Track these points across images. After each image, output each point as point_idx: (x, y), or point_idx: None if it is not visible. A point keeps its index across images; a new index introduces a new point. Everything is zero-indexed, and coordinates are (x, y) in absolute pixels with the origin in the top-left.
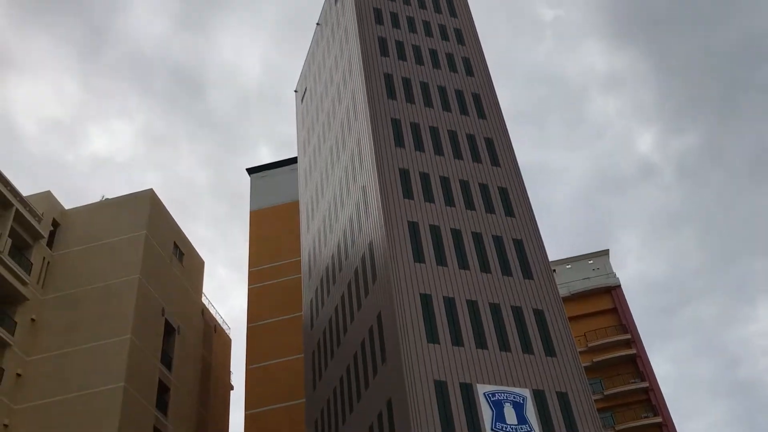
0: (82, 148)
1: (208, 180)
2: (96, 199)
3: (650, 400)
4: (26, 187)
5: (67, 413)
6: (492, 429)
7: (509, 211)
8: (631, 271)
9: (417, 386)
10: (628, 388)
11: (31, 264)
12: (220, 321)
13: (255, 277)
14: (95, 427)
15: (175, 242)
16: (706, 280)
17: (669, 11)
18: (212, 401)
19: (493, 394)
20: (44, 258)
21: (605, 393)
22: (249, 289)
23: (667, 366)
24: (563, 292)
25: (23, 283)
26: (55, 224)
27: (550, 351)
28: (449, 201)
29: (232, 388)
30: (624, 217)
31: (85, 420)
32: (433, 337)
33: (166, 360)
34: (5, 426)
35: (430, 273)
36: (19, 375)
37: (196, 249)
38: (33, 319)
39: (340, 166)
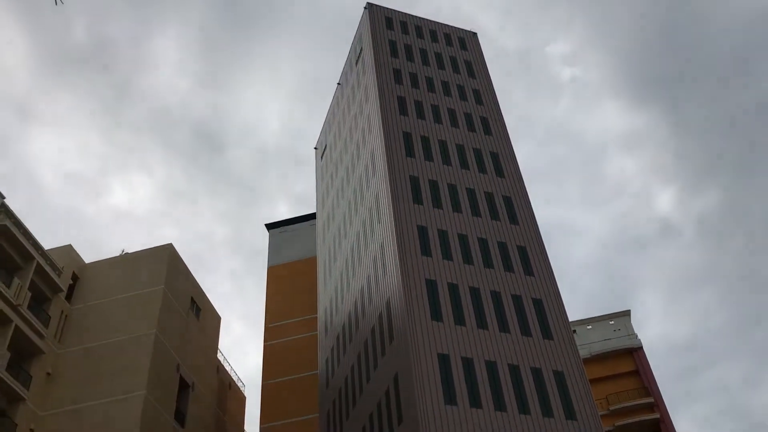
0: (103, 202)
1: (227, 235)
2: (115, 251)
3: None
4: (47, 239)
5: None
6: None
7: (528, 270)
8: (652, 332)
9: None
10: None
11: (50, 317)
12: (235, 378)
13: (271, 333)
14: None
15: (192, 297)
16: (731, 341)
17: (686, 71)
18: None
19: None
20: (62, 311)
21: None
22: (265, 346)
23: (692, 430)
24: (583, 353)
25: (40, 336)
26: (75, 278)
27: (570, 414)
28: (468, 259)
29: None
30: (645, 277)
31: None
32: (450, 398)
33: (180, 417)
34: None
35: (448, 332)
36: (32, 430)
37: (213, 304)
38: (48, 373)
39: (358, 223)
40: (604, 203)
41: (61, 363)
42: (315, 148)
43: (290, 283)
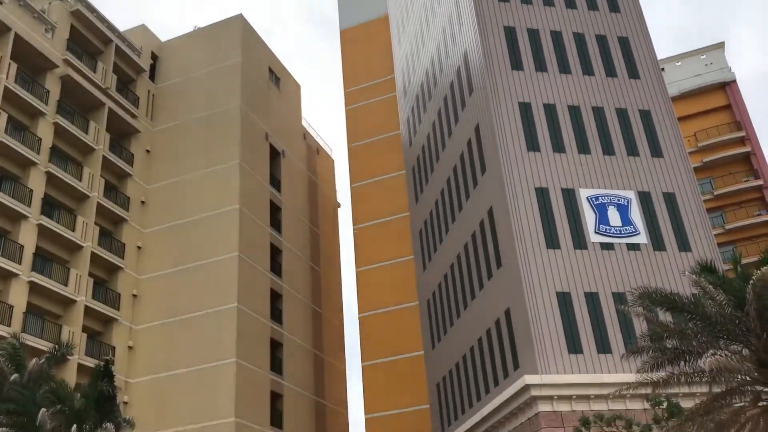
0: None
1: (293, 1)
2: (186, 29)
3: (764, 198)
4: (119, 22)
5: (189, 234)
6: (596, 232)
7: (614, 7)
8: (748, 65)
9: (518, 193)
10: (741, 186)
11: (138, 98)
12: (321, 143)
13: (351, 97)
14: (217, 247)
15: (270, 67)
16: None
17: None
18: (321, 220)
19: (596, 198)
20: (149, 91)
21: (715, 193)
22: (346, 111)
23: None
24: (672, 91)
25: (133, 116)
26: (154, 57)
27: (656, 152)
28: (547, 0)
29: (339, 206)
30: (741, 6)
31: (206, 240)
32: (533, 145)
33: (275, 183)
34: (138, 248)
35: (529, 80)
36: (143, 202)
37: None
38: (148, 150)
39: None
40: None
41: (157, 140)
42: None
43: (365, 46)
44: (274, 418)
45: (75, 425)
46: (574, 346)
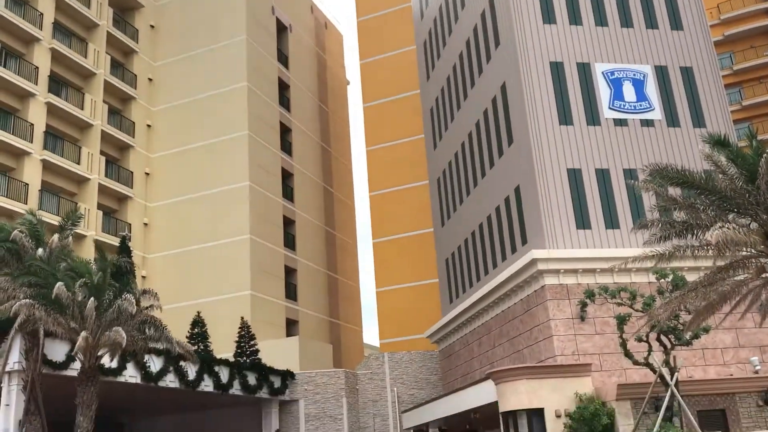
0: None
1: None
2: None
3: None
4: None
5: (199, 112)
6: (610, 107)
7: None
8: None
9: (532, 68)
10: (762, 61)
11: None
12: (329, 17)
13: None
14: (226, 124)
15: None
16: None
17: None
18: (331, 97)
19: (612, 72)
20: None
21: (734, 68)
22: None
23: None
24: None
25: None
26: None
27: (676, 24)
28: None
29: (348, 83)
30: None
31: (215, 118)
32: (549, 17)
33: (283, 59)
34: (148, 126)
35: None
36: (150, 80)
37: None
38: (152, 26)
39: None
40: None
41: (161, 15)
42: None
43: None
44: (289, 291)
45: (93, 297)
46: (582, 221)
